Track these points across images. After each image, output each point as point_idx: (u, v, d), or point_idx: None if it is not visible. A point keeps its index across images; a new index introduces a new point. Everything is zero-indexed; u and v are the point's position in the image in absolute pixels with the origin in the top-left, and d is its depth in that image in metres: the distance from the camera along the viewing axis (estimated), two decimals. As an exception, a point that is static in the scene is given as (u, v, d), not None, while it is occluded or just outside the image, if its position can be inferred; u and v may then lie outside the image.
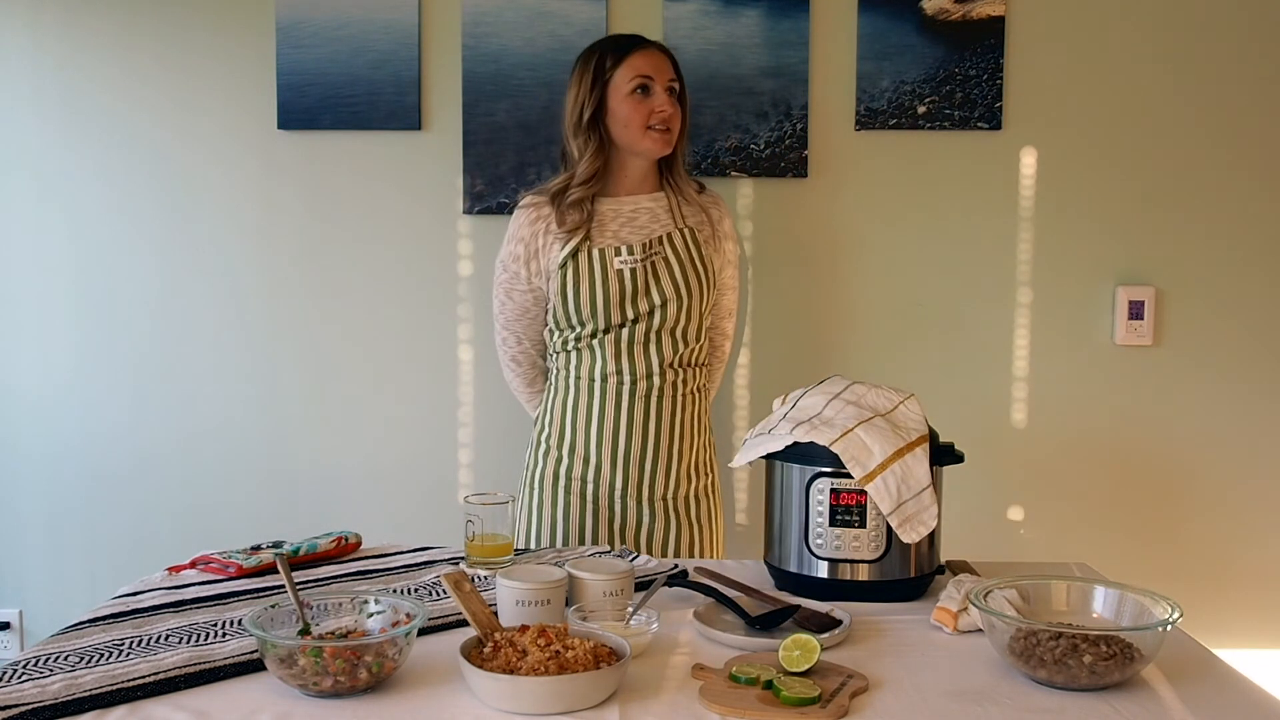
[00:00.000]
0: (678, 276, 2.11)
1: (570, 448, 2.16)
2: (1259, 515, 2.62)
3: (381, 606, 1.37)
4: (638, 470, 2.13)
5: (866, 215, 2.60)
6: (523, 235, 2.16)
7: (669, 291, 2.10)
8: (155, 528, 2.67)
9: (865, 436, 1.60)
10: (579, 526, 2.14)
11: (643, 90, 2.10)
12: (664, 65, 2.13)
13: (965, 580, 1.57)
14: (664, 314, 2.10)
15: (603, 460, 2.13)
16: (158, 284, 2.65)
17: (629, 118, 2.11)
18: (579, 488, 2.15)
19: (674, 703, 1.23)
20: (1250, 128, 2.56)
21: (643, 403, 2.12)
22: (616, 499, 2.14)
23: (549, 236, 2.13)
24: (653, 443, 2.13)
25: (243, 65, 2.59)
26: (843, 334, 2.62)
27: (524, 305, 2.19)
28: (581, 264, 2.09)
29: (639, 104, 2.10)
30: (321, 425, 2.66)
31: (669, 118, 2.11)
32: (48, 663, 1.31)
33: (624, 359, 2.11)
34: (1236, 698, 1.28)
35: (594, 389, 2.14)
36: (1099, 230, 2.58)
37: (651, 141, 2.11)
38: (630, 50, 2.13)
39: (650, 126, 2.10)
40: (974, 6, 2.53)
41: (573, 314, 2.11)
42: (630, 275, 2.09)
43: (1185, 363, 2.60)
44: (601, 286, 2.08)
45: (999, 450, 2.61)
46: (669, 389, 2.14)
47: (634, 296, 2.09)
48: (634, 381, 2.12)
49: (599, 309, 2.09)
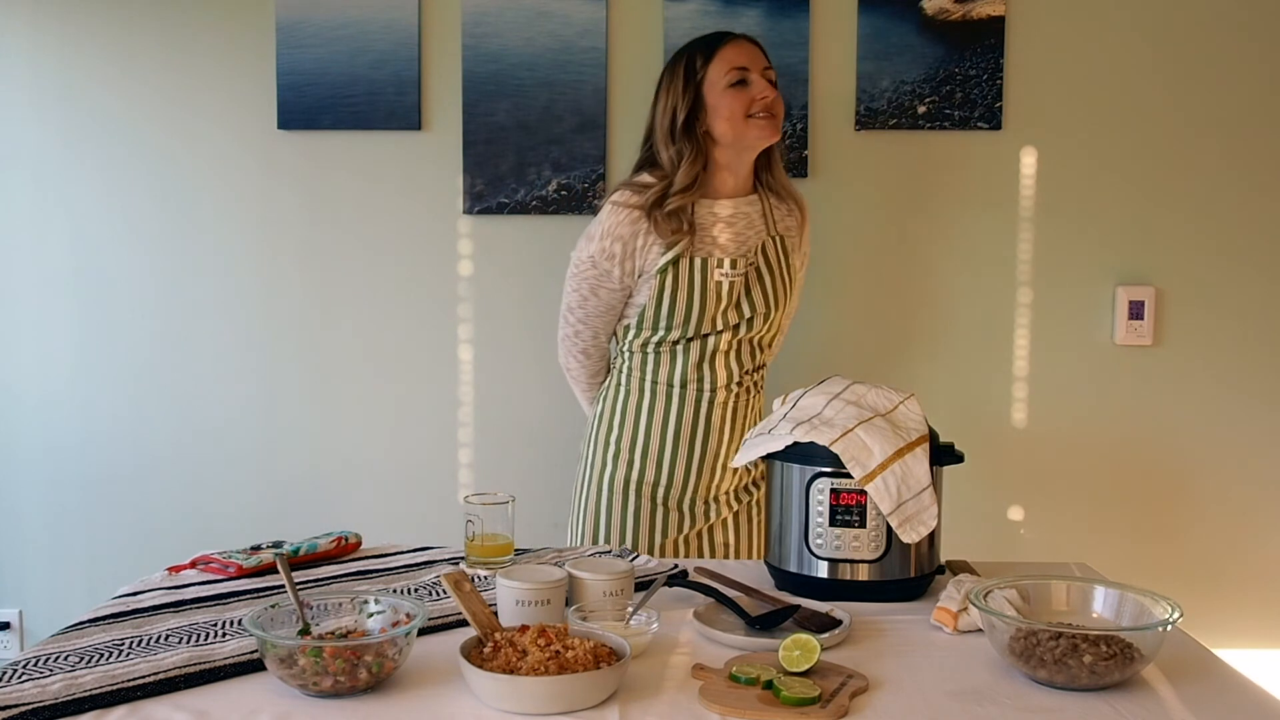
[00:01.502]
0: (768, 288, 2.11)
1: (644, 451, 2.14)
2: (1259, 515, 2.62)
3: (381, 606, 1.37)
4: (710, 475, 2.13)
5: (866, 215, 2.60)
6: (621, 234, 2.07)
7: (759, 304, 2.10)
8: (155, 527, 2.67)
9: (865, 436, 1.60)
10: (649, 529, 2.13)
11: (741, 82, 2.06)
12: (757, 54, 2.10)
13: (965, 580, 1.57)
14: (751, 326, 2.11)
15: (677, 465, 2.12)
16: (157, 284, 2.65)
17: (731, 109, 2.05)
18: (649, 491, 2.14)
19: (674, 703, 1.23)
20: (1250, 128, 2.56)
21: (721, 410, 2.12)
22: (687, 503, 2.14)
23: (650, 238, 2.07)
24: (726, 448, 2.13)
25: (243, 65, 2.59)
26: (843, 334, 2.62)
27: (610, 303, 2.14)
28: (682, 270, 2.06)
29: (738, 95, 2.05)
30: (321, 425, 2.66)
31: (772, 103, 2.06)
32: (48, 663, 1.31)
33: (705, 366, 2.11)
34: (1236, 698, 1.28)
35: (671, 394, 2.13)
36: (1099, 230, 2.58)
37: (758, 130, 2.06)
38: (720, 44, 2.09)
39: (753, 115, 2.05)
40: (974, 6, 2.53)
41: (664, 318, 2.08)
42: (729, 288, 2.07)
43: (1185, 363, 2.60)
44: (700, 295, 2.06)
45: (999, 450, 2.61)
46: (744, 394, 2.14)
47: (728, 308, 2.08)
48: (714, 390, 2.11)
49: (694, 317, 2.07)
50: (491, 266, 2.63)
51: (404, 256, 2.63)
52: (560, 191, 2.56)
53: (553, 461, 2.54)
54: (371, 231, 2.63)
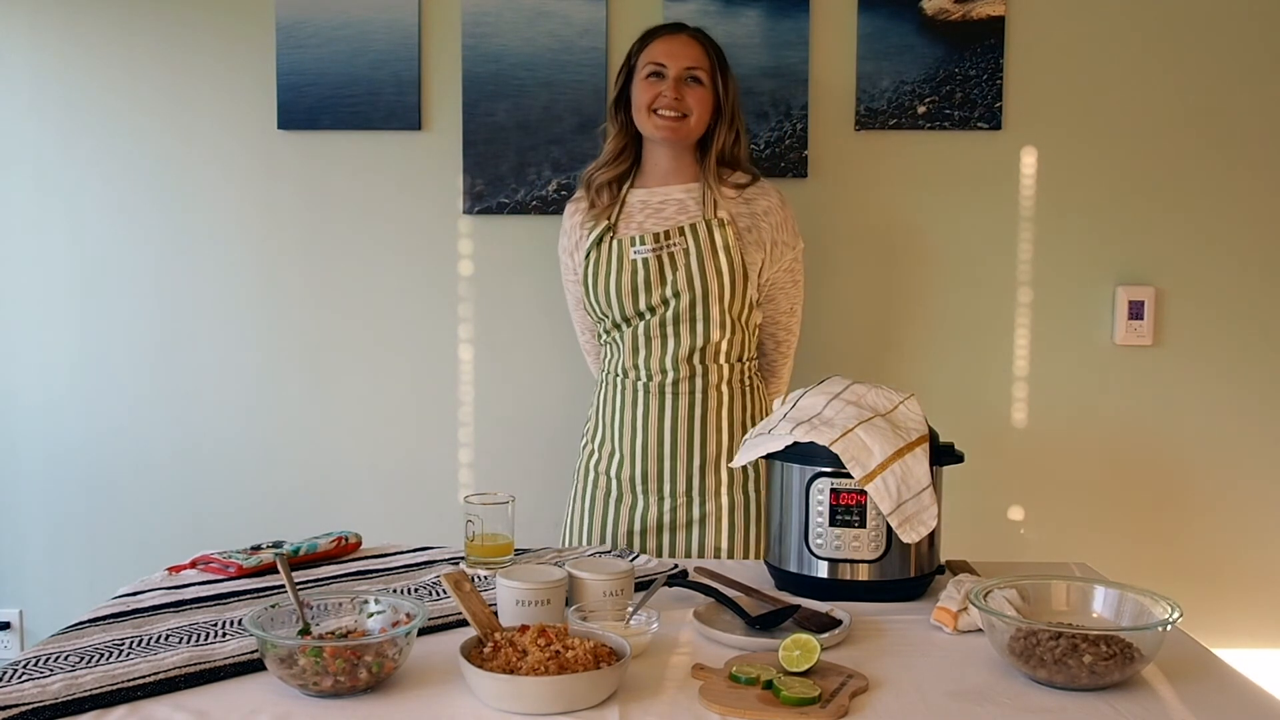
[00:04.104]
0: (694, 268, 2.07)
1: (601, 441, 2.18)
2: (1259, 515, 2.62)
3: (381, 606, 1.37)
4: (655, 465, 2.12)
5: (866, 215, 2.60)
6: (566, 227, 2.22)
7: (682, 283, 2.07)
8: (155, 527, 2.67)
9: (865, 436, 1.60)
10: (602, 520, 2.15)
11: (656, 76, 2.11)
12: (685, 53, 2.11)
13: (965, 580, 1.57)
14: (677, 306, 2.07)
15: (624, 454, 2.13)
16: (157, 284, 2.65)
17: (638, 100, 2.12)
18: (605, 482, 2.16)
19: (674, 703, 1.23)
20: (1250, 127, 2.56)
21: (658, 397, 2.11)
22: (638, 494, 2.13)
23: (584, 229, 2.16)
24: (669, 437, 2.11)
25: (243, 65, 2.59)
26: (843, 334, 2.62)
27: (577, 296, 2.22)
28: (603, 253, 2.10)
29: (648, 87, 2.11)
30: (321, 425, 2.66)
31: (672, 103, 2.08)
32: (48, 663, 1.31)
33: (640, 353, 2.11)
34: (1236, 698, 1.28)
35: (620, 383, 2.15)
36: (1099, 230, 2.58)
37: (655, 126, 2.10)
38: (654, 37, 2.15)
39: (654, 110, 2.09)
40: (974, 6, 2.53)
41: (595, 304, 2.13)
42: (643, 265, 2.08)
43: (1185, 363, 2.60)
44: (617, 275, 2.08)
45: (999, 450, 2.61)
46: (685, 383, 2.11)
47: (648, 287, 2.08)
48: (649, 376, 2.11)
49: (614, 299, 2.09)
50: (491, 266, 2.63)
51: (404, 256, 2.63)
52: (560, 191, 2.56)
53: (553, 461, 2.53)
54: (371, 232, 2.63)
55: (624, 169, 2.17)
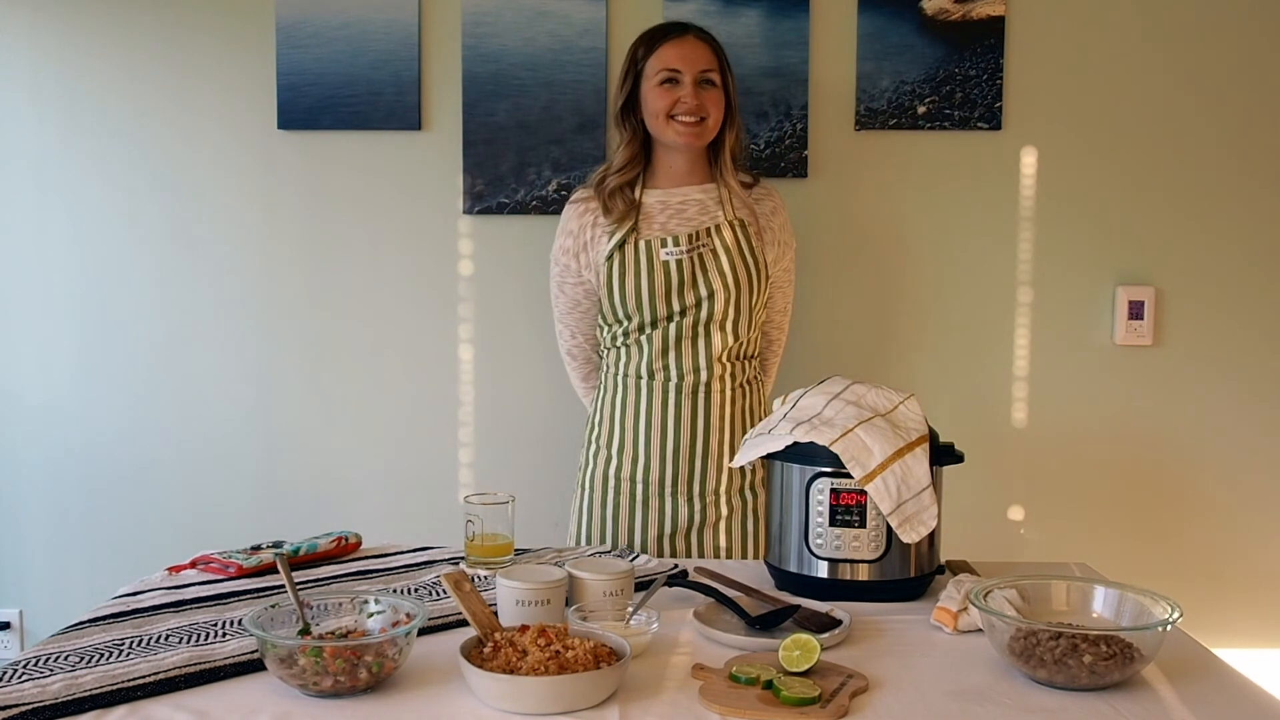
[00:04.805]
0: (726, 268, 2.07)
1: (619, 447, 2.14)
2: (1259, 515, 2.62)
3: (381, 606, 1.37)
4: (687, 467, 2.10)
5: (866, 215, 2.60)
6: (571, 228, 2.15)
7: (717, 283, 2.07)
8: (156, 527, 2.67)
9: (865, 436, 1.60)
10: (628, 527, 2.12)
11: (671, 82, 2.08)
12: (697, 56, 2.10)
13: (965, 580, 1.57)
14: (712, 306, 2.07)
15: (651, 458, 2.11)
16: (157, 284, 2.65)
17: (655, 107, 2.09)
18: (629, 488, 2.13)
19: (674, 703, 1.23)
20: (1250, 127, 2.56)
21: (690, 399, 2.10)
22: (667, 497, 2.11)
23: (597, 229, 2.12)
24: (701, 438, 2.10)
25: (243, 65, 2.59)
26: (842, 334, 2.62)
27: (575, 299, 2.18)
28: (628, 256, 2.07)
29: (664, 94, 2.08)
30: (321, 425, 2.66)
31: (694, 108, 2.07)
32: (48, 663, 1.31)
33: (671, 353, 2.09)
34: (1236, 698, 1.28)
35: (640, 385, 2.12)
36: (1099, 230, 2.58)
37: (675, 132, 2.08)
38: (662, 40, 2.11)
39: (673, 116, 2.08)
40: (974, 6, 2.53)
41: (619, 307, 2.09)
42: (677, 266, 2.06)
43: (1185, 363, 2.60)
44: (647, 278, 2.06)
45: (999, 450, 2.61)
46: (717, 383, 2.10)
47: (680, 288, 2.06)
48: (681, 377, 2.09)
49: (644, 301, 2.07)
50: (491, 266, 2.63)
51: (404, 257, 2.63)
52: (560, 191, 2.56)
53: (553, 461, 2.54)
54: (372, 232, 2.63)
55: (636, 172, 2.14)
